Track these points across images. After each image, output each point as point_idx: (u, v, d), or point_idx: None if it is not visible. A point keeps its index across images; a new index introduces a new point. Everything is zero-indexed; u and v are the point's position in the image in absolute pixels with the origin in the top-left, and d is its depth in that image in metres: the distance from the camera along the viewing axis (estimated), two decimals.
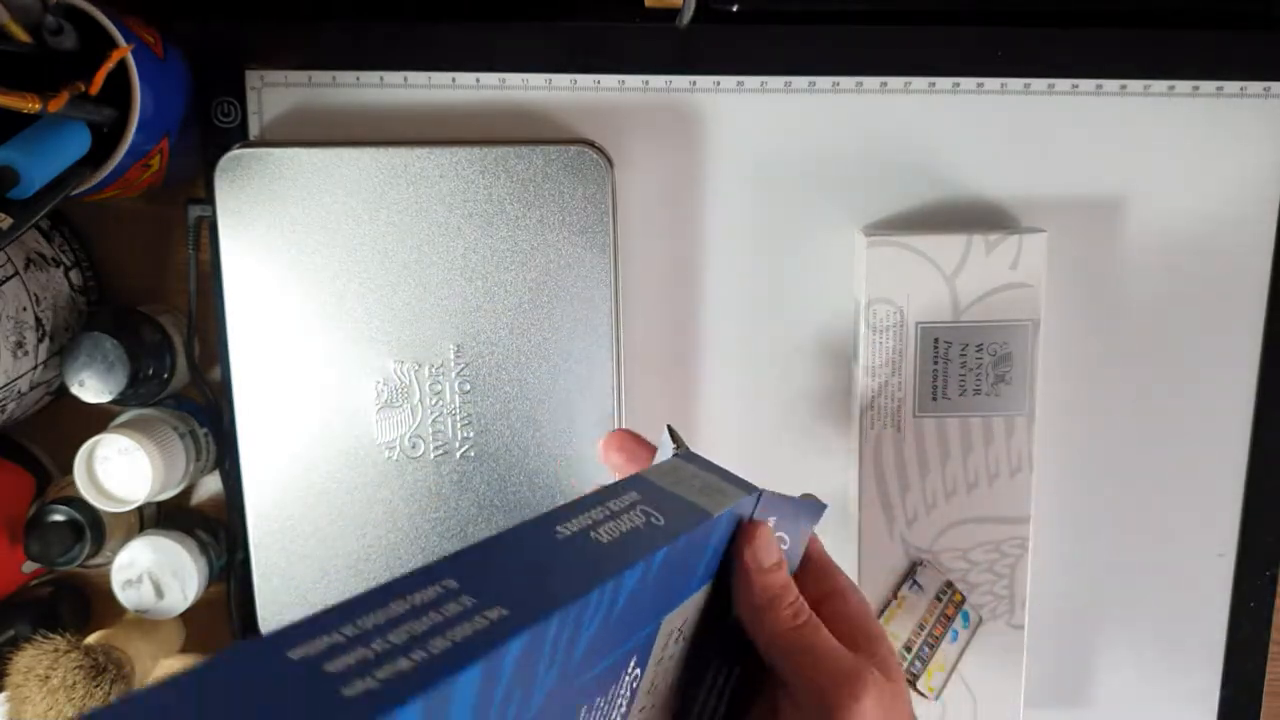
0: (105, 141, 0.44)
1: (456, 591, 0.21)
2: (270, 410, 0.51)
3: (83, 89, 0.42)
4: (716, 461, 0.33)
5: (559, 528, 0.26)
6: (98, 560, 0.54)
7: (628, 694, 0.28)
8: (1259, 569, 0.56)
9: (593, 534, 0.26)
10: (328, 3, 0.52)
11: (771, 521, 0.32)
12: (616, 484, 0.29)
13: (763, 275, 0.54)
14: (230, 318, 0.50)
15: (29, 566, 0.54)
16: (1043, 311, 0.50)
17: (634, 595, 0.25)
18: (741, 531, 0.31)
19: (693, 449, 0.34)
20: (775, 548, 0.32)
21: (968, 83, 0.51)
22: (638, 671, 0.28)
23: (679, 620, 0.29)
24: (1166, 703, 0.57)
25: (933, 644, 0.53)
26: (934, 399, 0.51)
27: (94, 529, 0.52)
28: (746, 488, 0.31)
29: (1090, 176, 0.52)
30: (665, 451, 0.36)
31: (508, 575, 0.22)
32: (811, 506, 0.34)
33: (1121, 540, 0.56)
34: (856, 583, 0.53)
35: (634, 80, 0.51)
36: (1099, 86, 0.51)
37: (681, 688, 0.32)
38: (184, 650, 0.58)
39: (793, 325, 0.54)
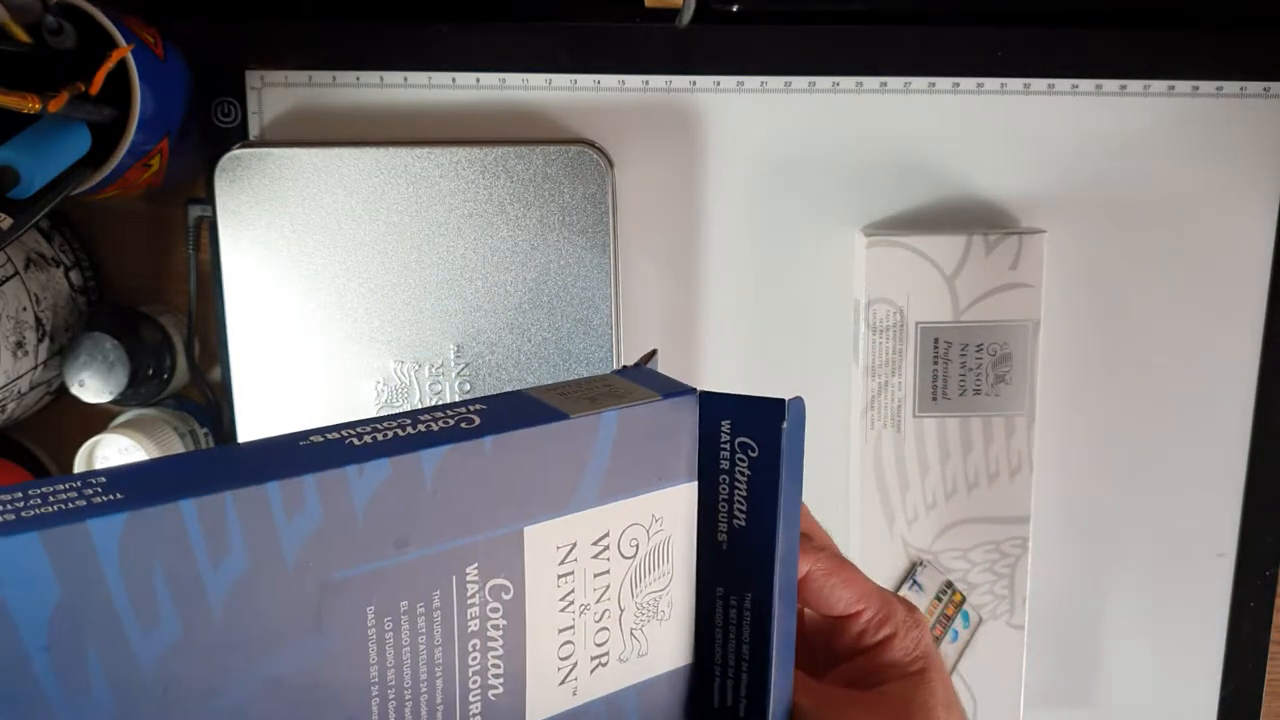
0: (105, 141, 0.44)
1: (102, 486, 0.22)
2: (270, 410, 0.51)
3: (83, 89, 0.42)
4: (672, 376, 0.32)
5: (315, 437, 0.25)
6: None
7: (485, 601, 0.27)
8: (1259, 569, 0.56)
9: (350, 439, 0.25)
10: (328, 3, 0.52)
11: (726, 426, 0.30)
12: (495, 395, 0.29)
13: (763, 275, 0.54)
14: (230, 318, 0.50)
15: None
16: (1043, 311, 0.50)
17: (391, 493, 0.25)
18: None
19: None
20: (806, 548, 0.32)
21: (968, 83, 0.51)
22: (502, 583, 0.27)
23: (582, 533, 0.28)
24: (1166, 703, 0.57)
25: None
26: (934, 399, 0.51)
27: None
28: (665, 388, 0.30)
29: (1090, 176, 0.52)
30: None
31: (173, 471, 0.23)
32: (773, 405, 0.30)
33: (1121, 540, 0.56)
34: None
35: (634, 80, 0.51)
36: (1099, 86, 0.51)
37: (688, 623, 0.31)
38: None
39: (793, 325, 0.54)
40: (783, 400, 0.30)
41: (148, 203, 0.54)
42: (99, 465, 0.50)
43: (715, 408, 0.30)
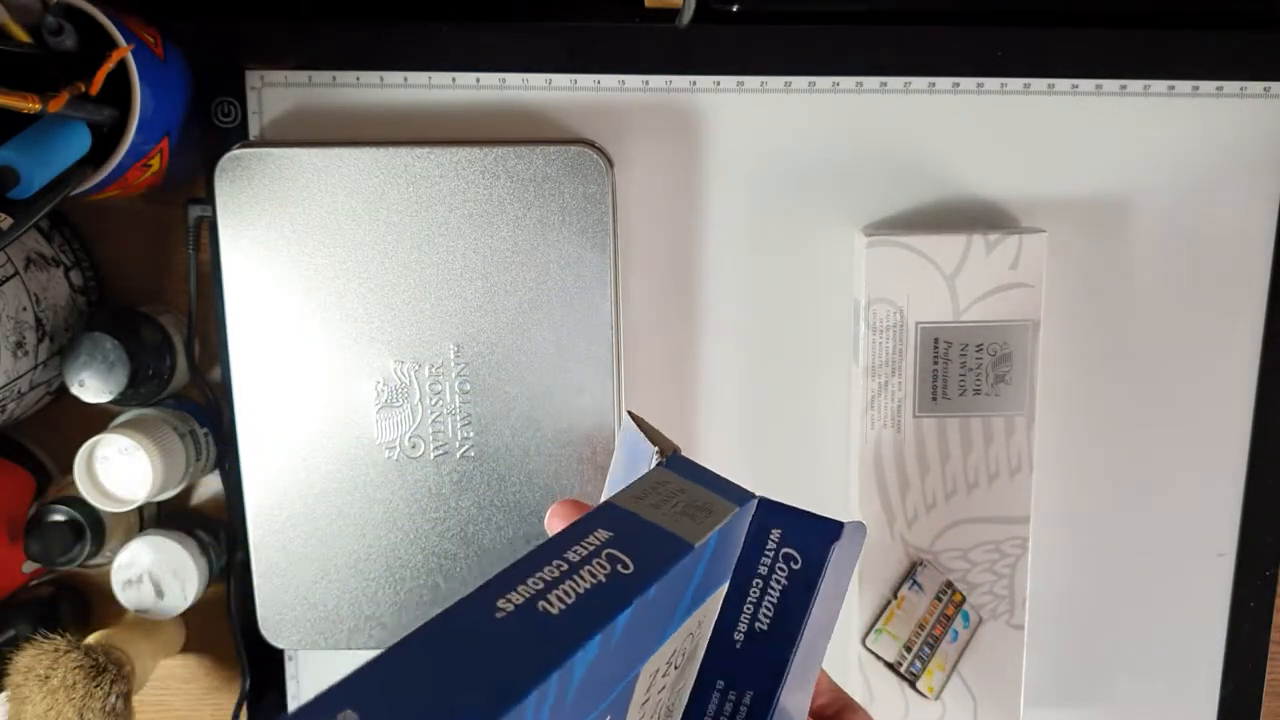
0: (105, 141, 0.44)
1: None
2: (270, 410, 0.51)
3: (83, 89, 0.42)
4: (705, 465, 0.31)
5: (500, 602, 0.22)
6: (98, 560, 0.54)
7: None
8: (1259, 569, 0.56)
9: (541, 604, 0.23)
10: (328, 3, 0.52)
11: (776, 535, 0.29)
12: (587, 517, 0.26)
13: (763, 275, 0.54)
14: (230, 318, 0.50)
15: (29, 566, 0.54)
16: (1043, 311, 0.50)
17: (595, 666, 0.23)
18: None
19: (674, 444, 0.32)
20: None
21: (968, 83, 0.51)
22: None
23: (667, 654, 0.27)
24: (1166, 703, 0.58)
25: (933, 644, 0.53)
26: (934, 399, 0.51)
27: (94, 529, 0.52)
28: (738, 497, 0.28)
29: (1090, 176, 0.52)
30: (630, 449, 0.33)
31: (418, 694, 0.20)
32: (829, 526, 0.29)
33: (1121, 540, 0.56)
34: (856, 583, 0.53)
35: (634, 80, 0.51)
36: (1099, 86, 0.51)
37: (677, 712, 0.31)
38: (184, 650, 0.58)
39: (793, 325, 0.54)
40: (840, 524, 0.29)
41: (148, 203, 0.54)
42: (99, 465, 0.50)
43: (770, 515, 0.29)
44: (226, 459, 0.55)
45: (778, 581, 0.29)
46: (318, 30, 0.51)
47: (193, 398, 0.56)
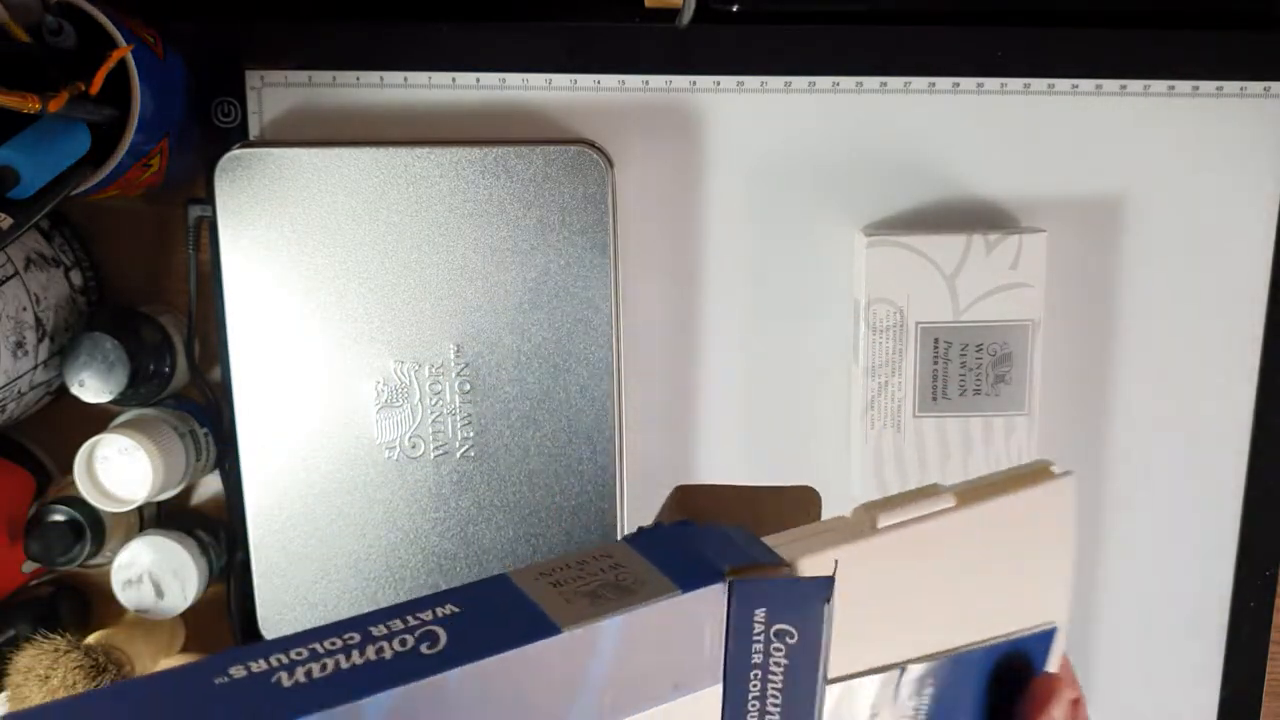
0: (105, 141, 0.44)
1: None
2: (270, 410, 0.51)
3: (83, 89, 0.42)
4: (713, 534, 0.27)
5: (236, 668, 0.20)
6: (98, 560, 0.54)
7: None
8: (1259, 569, 0.56)
9: (280, 675, 0.20)
10: (328, 3, 0.52)
11: (761, 614, 0.25)
12: (466, 586, 0.24)
13: (763, 275, 0.54)
14: (230, 318, 0.50)
15: (29, 566, 0.54)
16: (1043, 311, 0.50)
17: None
18: (1030, 696, 0.29)
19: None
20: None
21: (968, 83, 0.51)
22: None
23: None
24: (1166, 703, 0.57)
25: None
26: (934, 399, 0.51)
27: (94, 529, 0.52)
28: (690, 576, 0.24)
29: (1090, 176, 0.52)
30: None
31: None
32: (817, 585, 0.25)
33: (1121, 540, 0.56)
34: None
35: (634, 80, 0.51)
36: (1099, 86, 0.51)
37: None
38: (184, 650, 0.58)
39: (793, 325, 0.54)
40: (828, 578, 0.25)
41: (148, 203, 0.54)
42: (99, 465, 0.50)
43: (749, 595, 0.25)
44: (226, 459, 0.55)
45: (778, 665, 0.26)
46: (318, 30, 0.51)
47: (193, 398, 0.56)
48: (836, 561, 0.26)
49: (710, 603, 0.24)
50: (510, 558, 0.52)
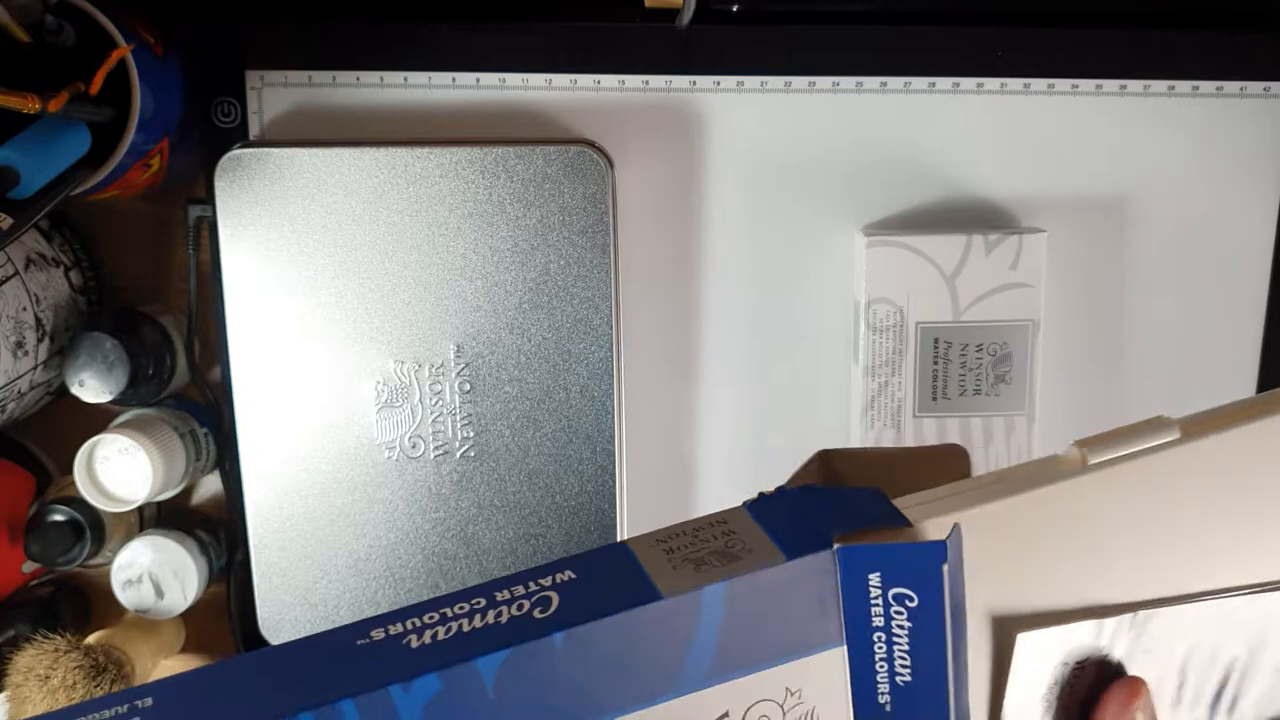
0: (105, 141, 0.44)
1: (146, 710, 0.21)
2: (270, 410, 0.51)
3: (83, 89, 0.42)
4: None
5: (376, 631, 0.23)
6: (98, 560, 0.54)
7: None
8: None
9: (410, 637, 0.23)
10: (328, 3, 0.52)
11: (876, 579, 0.25)
12: (587, 554, 0.25)
13: (762, 275, 0.54)
14: (230, 318, 0.50)
15: (29, 566, 0.54)
16: (1043, 311, 0.50)
17: (448, 710, 0.22)
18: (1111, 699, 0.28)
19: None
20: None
21: (968, 83, 0.51)
22: None
23: (693, 716, 0.25)
24: None
25: None
26: (934, 399, 0.51)
27: (94, 529, 0.52)
28: (799, 544, 0.25)
29: (1090, 176, 0.52)
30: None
31: (212, 698, 0.22)
32: (931, 550, 0.25)
33: None
34: None
35: (634, 80, 0.51)
36: (1099, 86, 0.51)
37: None
38: (184, 650, 0.58)
39: (793, 325, 0.54)
40: (941, 542, 0.25)
41: (148, 203, 0.54)
42: (99, 465, 0.50)
43: (858, 561, 0.25)
44: (226, 459, 0.55)
45: (900, 627, 0.26)
46: (318, 30, 0.51)
47: (193, 398, 0.56)
48: (957, 525, 0.25)
49: (819, 569, 0.25)
50: (510, 557, 0.52)
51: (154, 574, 0.53)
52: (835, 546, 0.25)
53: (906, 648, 0.26)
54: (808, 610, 0.25)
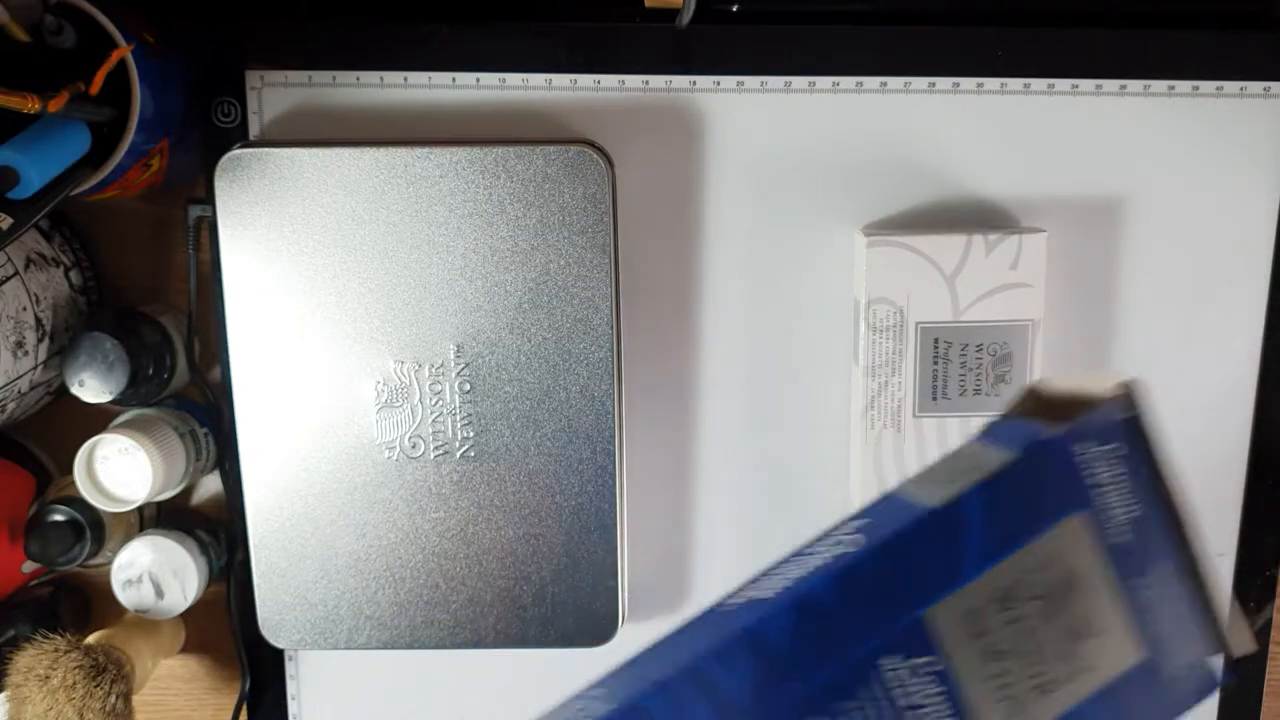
0: (105, 141, 0.44)
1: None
2: (270, 410, 0.51)
3: (83, 89, 0.42)
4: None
5: (730, 598, 0.30)
6: (98, 560, 0.54)
7: (915, 685, 0.30)
8: (1259, 569, 0.56)
9: (749, 594, 0.30)
10: (328, 3, 0.52)
11: (1081, 449, 0.32)
12: (879, 500, 0.32)
13: (762, 275, 0.54)
14: (230, 318, 0.50)
15: (29, 566, 0.54)
16: (1043, 311, 0.50)
17: (790, 634, 0.29)
18: None
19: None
20: None
21: (968, 83, 0.51)
22: (922, 661, 0.30)
23: (983, 595, 0.31)
24: None
25: None
26: (934, 399, 0.51)
27: (94, 529, 0.52)
28: (1029, 441, 0.31)
29: (1090, 176, 0.52)
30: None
31: (633, 666, 0.29)
32: (1121, 405, 0.32)
33: None
34: None
35: (634, 80, 0.51)
36: (1099, 86, 0.51)
37: (1125, 623, 0.33)
38: (184, 650, 0.58)
39: (793, 325, 0.54)
40: (1126, 395, 0.32)
41: (148, 203, 0.54)
42: (99, 465, 0.50)
43: (1074, 438, 0.31)
44: (226, 459, 0.55)
45: (1118, 475, 0.32)
46: (318, 30, 0.51)
47: (193, 398, 0.56)
48: (1133, 380, 0.32)
49: (1046, 457, 0.31)
50: (510, 557, 0.52)
51: (154, 574, 0.53)
52: (1050, 432, 0.31)
53: (1129, 489, 0.32)
54: (1044, 490, 0.31)
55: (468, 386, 0.51)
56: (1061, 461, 0.31)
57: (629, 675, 0.29)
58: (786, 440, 0.55)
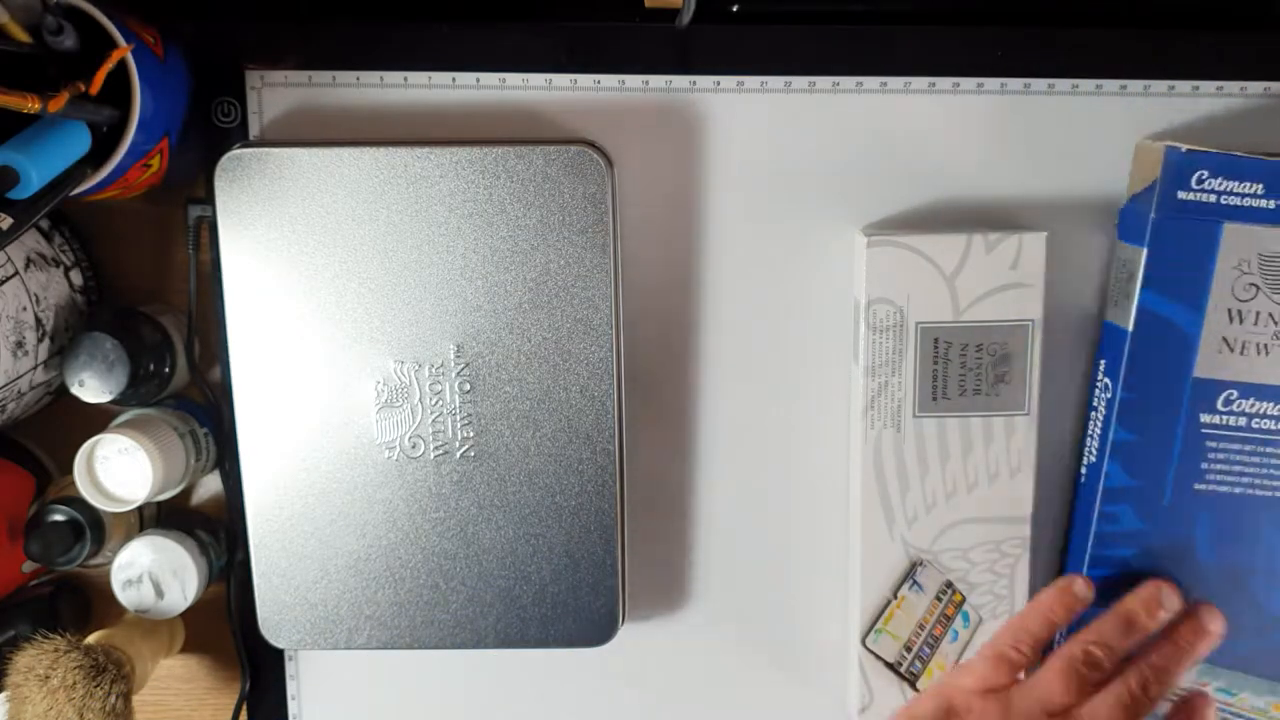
0: (105, 141, 0.44)
1: None
2: (270, 410, 0.51)
3: (83, 89, 0.42)
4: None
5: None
6: (98, 560, 0.54)
7: None
8: None
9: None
10: (328, 3, 0.52)
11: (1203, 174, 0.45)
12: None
13: (763, 275, 0.54)
14: (230, 318, 0.50)
15: (29, 566, 0.54)
16: (1042, 311, 0.50)
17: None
18: None
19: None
20: None
21: (968, 83, 0.51)
22: None
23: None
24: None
25: (933, 644, 0.53)
26: (934, 399, 0.51)
27: (94, 529, 0.52)
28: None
29: (1090, 176, 0.52)
30: None
31: None
32: None
33: None
34: (858, 583, 0.53)
35: (634, 80, 0.51)
36: (1099, 86, 0.51)
37: None
38: (184, 650, 0.58)
39: (793, 325, 0.54)
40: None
41: (148, 203, 0.54)
42: (99, 465, 0.50)
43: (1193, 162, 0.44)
44: (226, 459, 0.55)
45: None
46: (318, 30, 0.51)
47: (193, 398, 0.56)
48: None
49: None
50: (510, 558, 0.52)
51: (154, 574, 0.53)
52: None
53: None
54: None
55: (468, 386, 0.51)
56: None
57: None
58: (786, 440, 0.55)
